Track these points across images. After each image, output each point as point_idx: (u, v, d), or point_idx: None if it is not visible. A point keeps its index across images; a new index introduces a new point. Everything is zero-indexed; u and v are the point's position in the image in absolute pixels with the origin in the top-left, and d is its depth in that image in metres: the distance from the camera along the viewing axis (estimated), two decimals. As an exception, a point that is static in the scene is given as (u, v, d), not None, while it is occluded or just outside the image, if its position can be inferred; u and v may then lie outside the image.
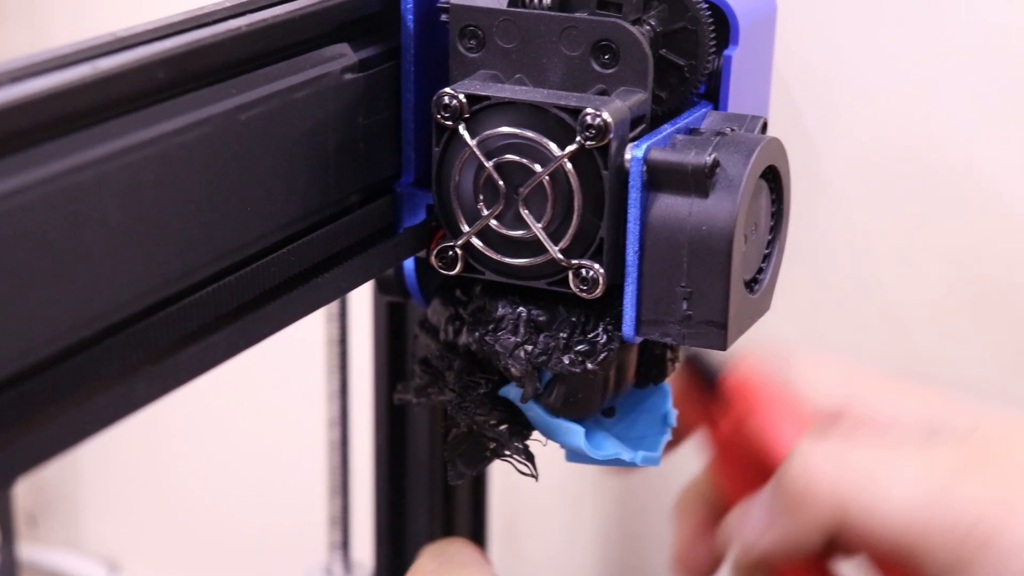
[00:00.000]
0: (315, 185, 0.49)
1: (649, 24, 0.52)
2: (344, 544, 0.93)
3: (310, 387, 0.97)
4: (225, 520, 1.08)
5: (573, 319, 0.52)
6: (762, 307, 0.53)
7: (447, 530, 0.85)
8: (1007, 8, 0.70)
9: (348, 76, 0.50)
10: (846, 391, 0.56)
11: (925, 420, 0.54)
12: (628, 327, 0.51)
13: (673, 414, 0.56)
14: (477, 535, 0.86)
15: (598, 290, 0.50)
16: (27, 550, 1.11)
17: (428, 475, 0.84)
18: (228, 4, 0.47)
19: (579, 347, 0.52)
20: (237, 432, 1.06)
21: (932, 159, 0.73)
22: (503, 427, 0.54)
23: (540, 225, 0.50)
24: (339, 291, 0.51)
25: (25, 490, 1.13)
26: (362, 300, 0.86)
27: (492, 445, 0.55)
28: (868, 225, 0.76)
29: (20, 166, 0.38)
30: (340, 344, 0.89)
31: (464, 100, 0.50)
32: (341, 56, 0.50)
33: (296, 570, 0.95)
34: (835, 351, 0.79)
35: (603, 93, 0.50)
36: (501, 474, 0.87)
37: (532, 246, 0.51)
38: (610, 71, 0.50)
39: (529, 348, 0.52)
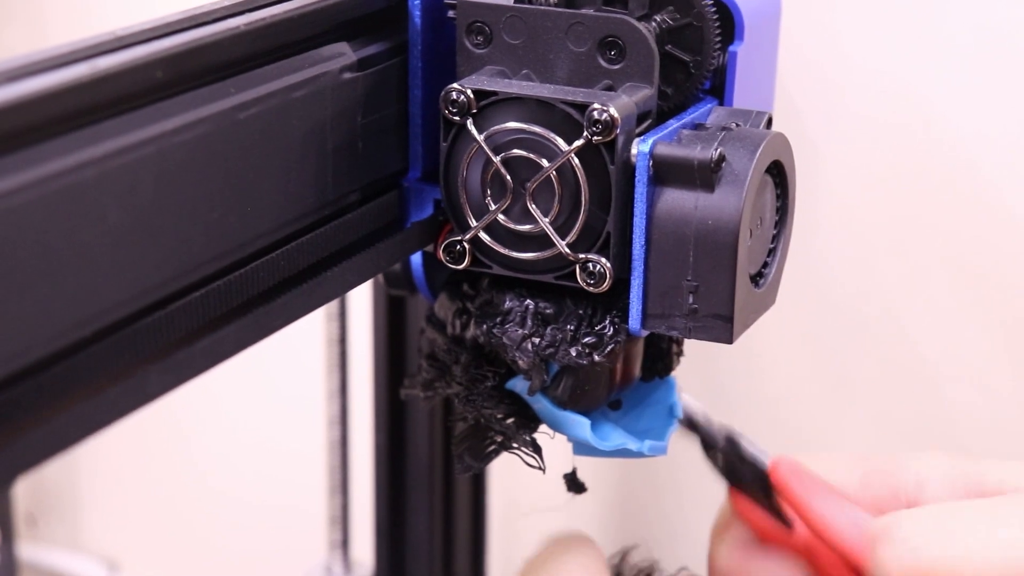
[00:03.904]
0: (314, 184, 0.49)
1: (655, 20, 0.53)
2: (344, 543, 0.93)
3: (310, 386, 0.97)
4: (225, 519, 1.08)
5: (580, 312, 0.52)
6: (767, 301, 0.53)
7: (447, 529, 0.85)
8: (1008, 9, 0.70)
9: (347, 75, 0.50)
10: (858, 470, 0.56)
11: (954, 479, 0.54)
12: (634, 321, 0.51)
13: (679, 406, 0.56)
14: (476, 533, 0.87)
15: (605, 284, 0.50)
16: (27, 550, 1.11)
17: (428, 474, 0.84)
18: (226, 3, 0.47)
19: (586, 339, 0.52)
20: (237, 431, 1.06)
21: (932, 158, 0.73)
22: (510, 420, 0.54)
23: (547, 220, 0.50)
24: (347, 285, 0.51)
25: (25, 490, 1.13)
26: (362, 299, 0.86)
27: (499, 438, 0.55)
28: (868, 224, 0.76)
29: (18, 165, 0.38)
30: (340, 343, 0.89)
31: (472, 95, 0.50)
32: (340, 55, 0.50)
33: (296, 569, 0.96)
34: (834, 351, 0.79)
35: (609, 89, 0.51)
36: (500, 472, 0.87)
37: (539, 240, 0.51)
38: (616, 67, 0.51)
39: (536, 340, 0.52)
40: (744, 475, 0.58)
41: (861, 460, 0.57)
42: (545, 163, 0.50)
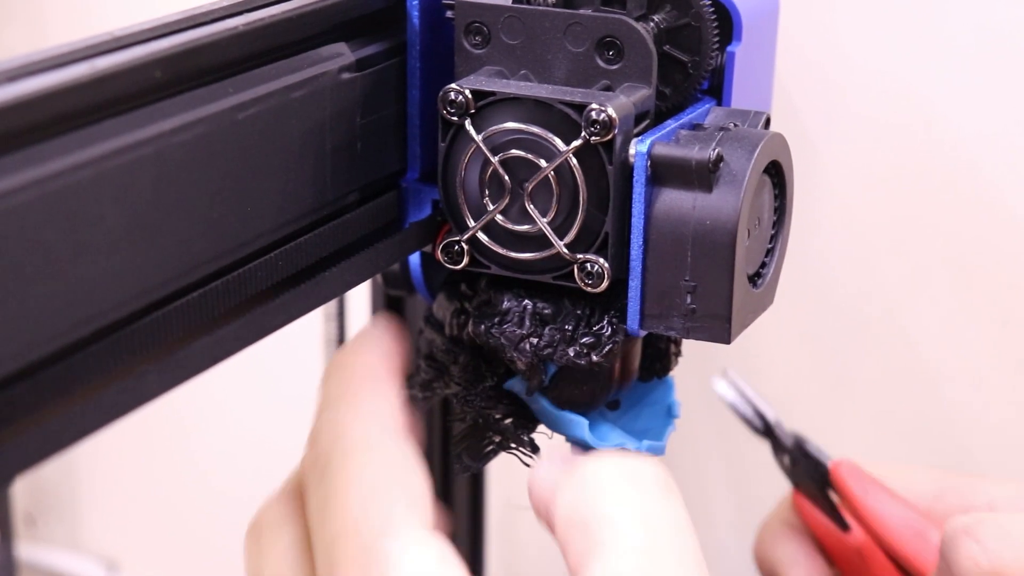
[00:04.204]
0: (312, 184, 0.49)
1: (653, 20, 0.53)
2: (343, 543, 0.93)
3: (308, 386, 0.97)
4: (225, 519, 1.08)
5: (578, 312, 0.52)
6: (765, 301, 0.53)
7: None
8: (1009, 9, 0.70)
9: (345, 76, 0.50)
10: (935, 485, 0.58)
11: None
12: (632, 321, 0.51)
13: (677, 406, 0.56)
14: (475, 532, 0.87)
15: (603, 284, 0.51)
16: (25, 550, 1.11)
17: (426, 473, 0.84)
18: (225, 3, 0.47)
19: (584, 339, 0.52)
20: (236, 432, 1.06)
21: (933, 158, 0.73)
22: (508, 420, 0.54)
23: (545, 220, 0.51)
24: (346, 285, 0.51)
25: (24, 490, 1.13)
26: (360, 299, 0.86)
27: (497, 438, 0.55)
28: (868, 224, 0.76)
29: (17, 166, 0.38)
30: (338, 344, 0.89)
31: (470, 96, 0.50)
32: (338, 55, 0.50)
33: (295, 569, 0.95)
34: (833, 352, 0.79)
35: (607, 89, 0.51)
36: (500, 471, 0.87)
37: (537, 240, 0.51)
38: (614, 67, 0.51)
39: (535, 340, 0.52)
40: (807, 475, 0.59)
41: (938, 475, 0.59)
42: (543, 163, 0.50)
